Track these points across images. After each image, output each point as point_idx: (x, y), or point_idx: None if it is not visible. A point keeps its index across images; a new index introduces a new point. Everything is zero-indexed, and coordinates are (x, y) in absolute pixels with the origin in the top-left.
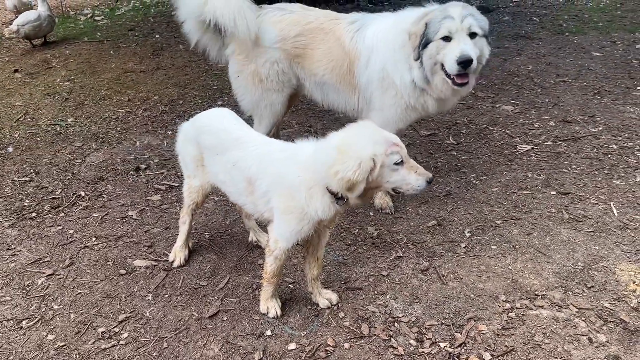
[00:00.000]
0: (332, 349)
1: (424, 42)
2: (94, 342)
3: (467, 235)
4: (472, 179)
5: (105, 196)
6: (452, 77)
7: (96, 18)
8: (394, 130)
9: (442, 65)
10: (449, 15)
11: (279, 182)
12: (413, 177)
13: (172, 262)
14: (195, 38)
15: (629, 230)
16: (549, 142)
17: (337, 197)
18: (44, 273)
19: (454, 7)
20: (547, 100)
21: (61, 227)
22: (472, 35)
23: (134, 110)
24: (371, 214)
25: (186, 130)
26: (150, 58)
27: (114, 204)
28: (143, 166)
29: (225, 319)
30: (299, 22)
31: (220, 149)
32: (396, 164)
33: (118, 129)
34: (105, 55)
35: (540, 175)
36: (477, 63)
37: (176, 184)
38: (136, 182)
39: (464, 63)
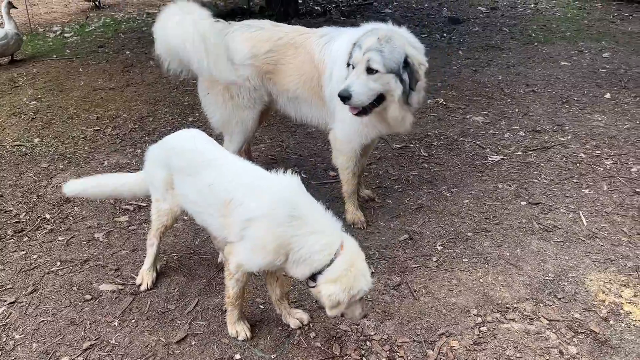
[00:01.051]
0: None
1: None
2: None
3: (439, 248)
4: (444, 191)
5: (71, 218)
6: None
7: (65, 35)
8: (358, 145)
9: None
10: (359, 44)
11: (276, 224)
12: (359, 311)
13: (140, 285)
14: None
15: (597, 240)
16: (519, 152)
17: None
18: (5, 301)
19: (369, 37)
20: (516, 110)
21: (25, 252)
22: (371, 70)
23: (103, 128)
24: (344, 229)
25: (154, 153)
26: (120, 75)
27: (80, 226)
28: None
29: (193, 343)
30: (269, 39)
31: (193, 170)
32: (360, 298)
33: (86, 148)
34: (74, 73)
35: (510, 186)
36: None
37: (144, 204)
38: (103, 203)
39: (341, 97)
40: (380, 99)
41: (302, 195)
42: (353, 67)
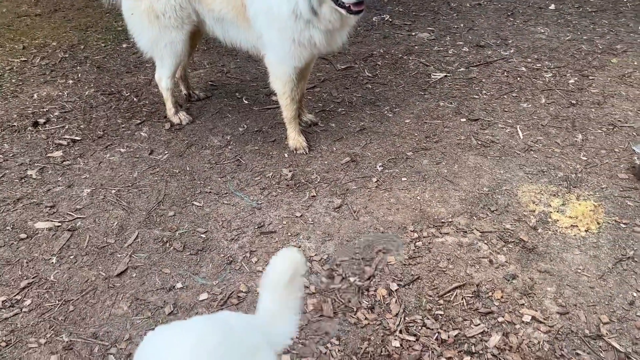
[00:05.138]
0: (244, 294)
1: None
2: None
3: (379, 169)
4: (386, 111)
5: (1, 156)
6: (347, 5)
7: None
8: (291, 69)
9: None
10: None
11: None
12: None
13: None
14: None
15: (532, 152)
16: (462, 69)
17: None
18: None
19: None
20: (462, 25)
21: None
22: None
23: (30, 59)
24: (286, 155)
25: None
26: None
27: (11, 164)
28: (42, 120)
29: (134, 275)
30: None
31: None
32: None
33: (13, 81)
34: None
35: (451, 103)
36: None
37: (79, 138)
38: (35, 139)
39: None
40: None
41: None
42: None
